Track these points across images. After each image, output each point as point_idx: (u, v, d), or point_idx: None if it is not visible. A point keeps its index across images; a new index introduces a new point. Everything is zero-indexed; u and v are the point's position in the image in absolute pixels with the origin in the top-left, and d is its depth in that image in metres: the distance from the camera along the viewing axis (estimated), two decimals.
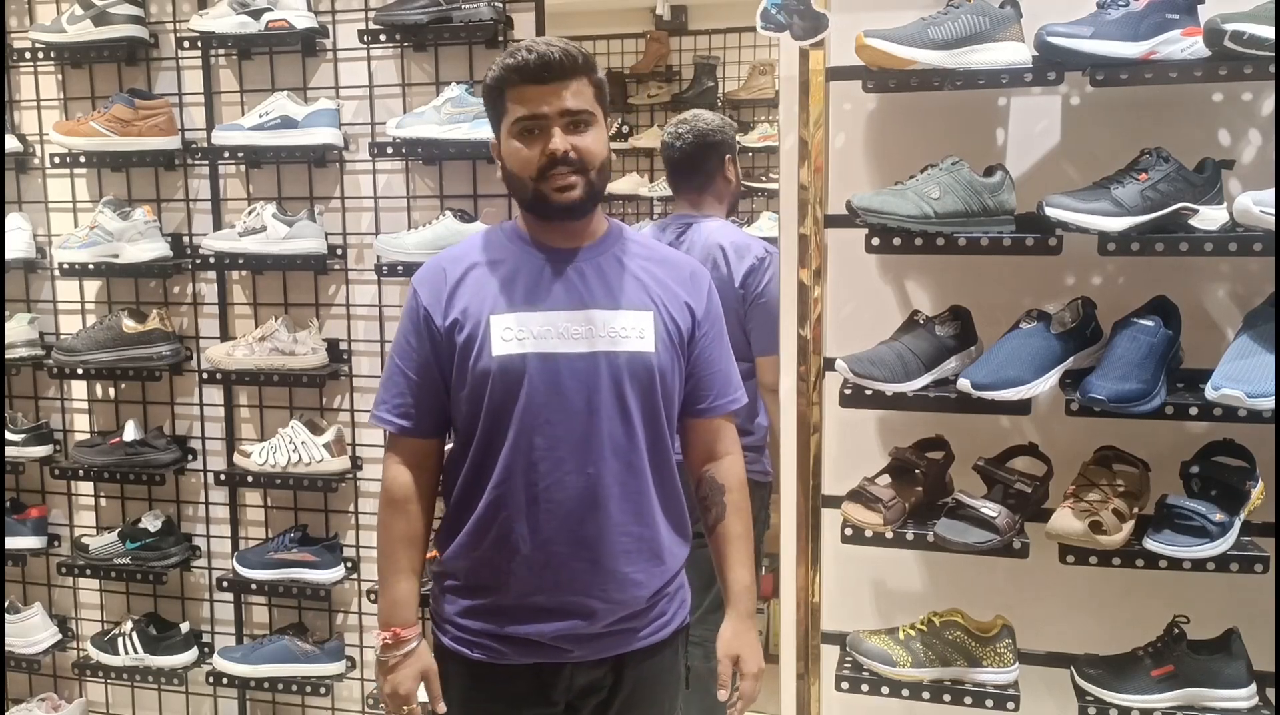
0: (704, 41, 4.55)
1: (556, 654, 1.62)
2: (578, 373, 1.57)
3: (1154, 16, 1.80)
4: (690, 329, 1.67)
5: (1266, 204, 1.69)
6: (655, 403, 1.62)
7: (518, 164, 1.58)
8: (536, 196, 1.59)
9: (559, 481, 1.57)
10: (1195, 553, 1.81)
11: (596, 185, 1.60)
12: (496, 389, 1.57)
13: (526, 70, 1.54)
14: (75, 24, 2.70)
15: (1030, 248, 1.87)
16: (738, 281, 2.48)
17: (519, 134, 1.57)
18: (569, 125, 1.56)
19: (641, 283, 1.64)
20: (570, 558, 1.59)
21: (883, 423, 2.21)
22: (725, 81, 4.49)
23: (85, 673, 2.92)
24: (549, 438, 1.57)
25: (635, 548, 1.62)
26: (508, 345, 1.57)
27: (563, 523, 1.59)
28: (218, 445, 2.90)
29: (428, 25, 2.51)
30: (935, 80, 1.90)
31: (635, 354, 1.59)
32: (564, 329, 1.58)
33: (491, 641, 1.63)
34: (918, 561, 2.23)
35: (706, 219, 2.62)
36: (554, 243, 1.64)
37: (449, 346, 1.61)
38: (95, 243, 2.73)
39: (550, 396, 1.56)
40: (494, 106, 1.62)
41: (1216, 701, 1.89)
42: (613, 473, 1.59)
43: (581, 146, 1.56)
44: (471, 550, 1.63)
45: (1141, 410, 1.80)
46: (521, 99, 1.56)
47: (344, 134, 2.68)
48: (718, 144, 2.65)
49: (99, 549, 2.84)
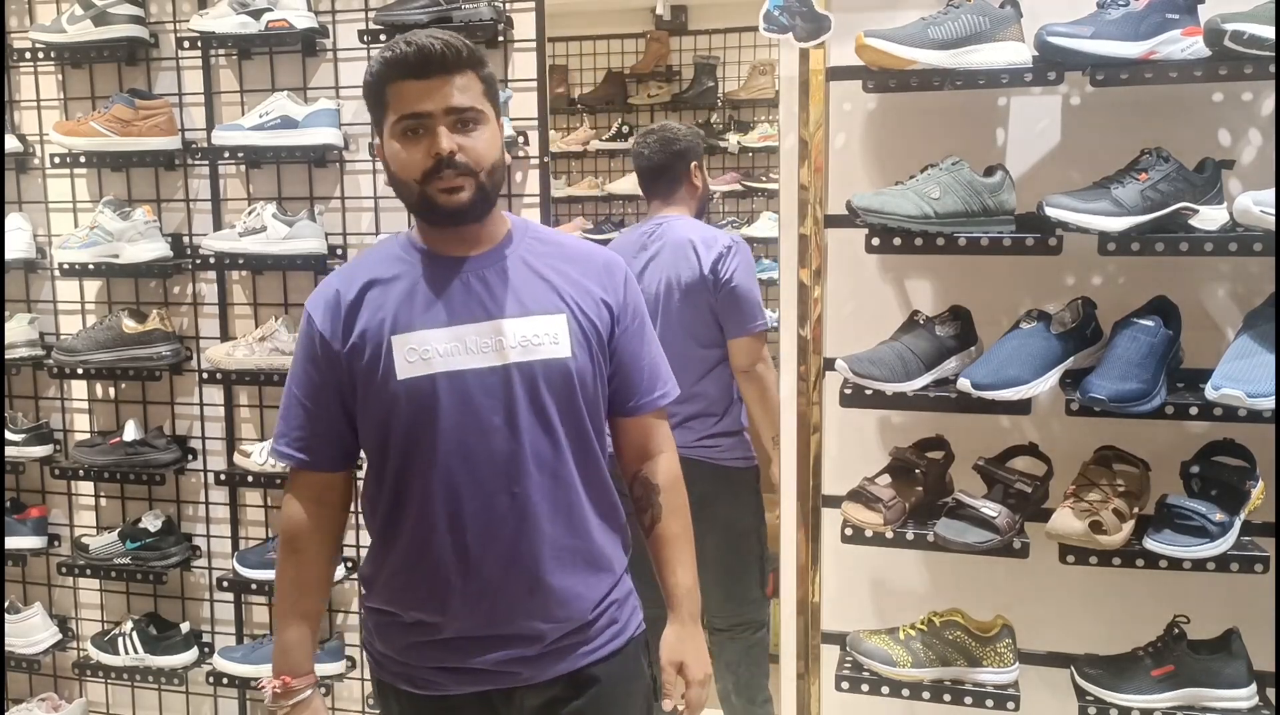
0: (704, 41, 4.55)
1: (504, 679, 1.53)
2: (491, 388, 1.47)
3: (1154, 16, 1.80)
4: (609, 325, 1.56)
5: (1266, 204, 1.69)
6: (578, 409, 1.52)
7: (400, 166, 1.46)
8: (422, 201, 1.47)
9: (484, 505, 1.48)
10: (1195, 553, 1.81)
11: (488, 188, 1.48)
12: (406, 415, 1.47)
13: (405, 65, 1.42)
14: (75, 24, 2.70)
15: (1030, 248, 1.87)
16: (706, 270, 2.59)
17: (401, 134, 1.45)
18: (455, 124, 1.44)
19: (550, 284, 1.54)
20: (506, 583, 1.50)
21: (883, 423, 2.21)
22: (725, 81, 4.50)
23: (85, 673, 2.93)
24: (468, 461, 1.47)
25: (571, 561, 1.53)
26: (413, 366, 1.46)
27: (493, 548, 1.49)
28: (218, 445, 2.90)
29: (428, 25, 2.51)
30: (935, 80, 1.90)
31: (550, 361, 1.49)
32: (472, 343, 1.47)
33: (436, 675, 1.54)
34: (918, 561, 2.23)
35: (677, 217, 2.75)
36: (452, 251, 1.53)
37: (349, 373, 1.50)
38: (95, 243, 2.73)
39: (465, 417, 1.46)
40: (374, 105, 1.50)
41: (1216, 701, 1.89)
42: (540, 489, 1.49)
43: (469, 147, 1.45)
44: (401, 587, 1.54)
45: (1141, 410, 1.80)
46: (402, 96, 1.44)
47: (344, 134, 2.68)
48: (683, 152, 2.79)
49: (99, 549, 2.84)
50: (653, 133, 2.82)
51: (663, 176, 2.79)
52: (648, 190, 2.85)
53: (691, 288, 2.60)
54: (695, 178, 2.82)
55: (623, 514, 1.64)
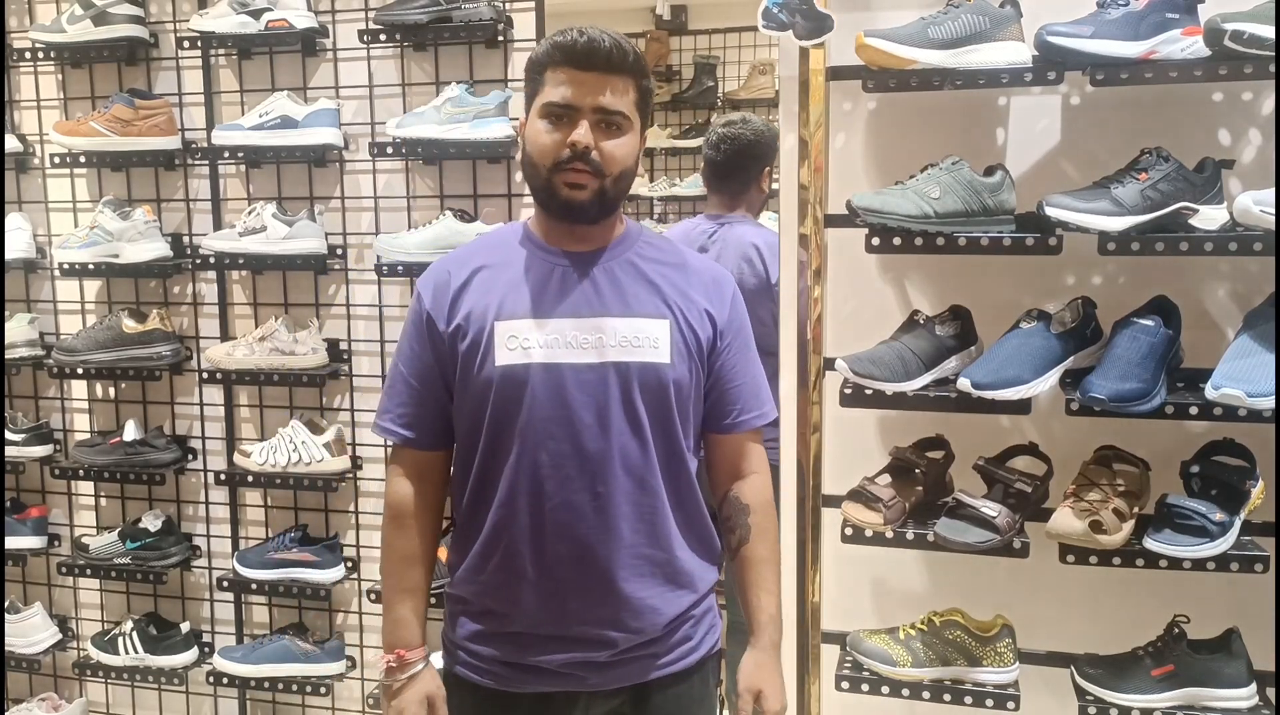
0: (704, 41, 4.55)
1: (570, 682, 1.52)
2: (585, 385, 1.47)
3: (1154, 16, 1.80)
4: (711, 338, 1.57)
5: (1266, 203, 1.69)
6: (669, 416, 1.52)
7: (537, 147, 1.48)
8: (547, 188, 1.49)
9: (566, 502, 1.48)
10: (1195, 552, 1.81)
11: (610, 193, 1.49)
12: (498, 401, 1.48)
13: (572, 52, 1.44)
14: (75, 24, 2.70)
15: (1030, 247, 1.87)
16: (774, 277, 2.51)
17: (547, 116, 1.47)
18: (600, 123, 1.46)
19: (658, 288, 1.54)
20: (580, 584, 1.49)
21: (883, 423, 2.21)
22: (725, 81, 4.50)
23: (85, 673, 2.92)
24: (555, 455, 1.47)
25: (650, 572, 1.51)
26: (512, 354, 1.47)
27: (571, 546, 1.49)
28: (218, 445, 2.90)
29: (428, 25, 2.51)
30: (935, 80, 1.90)
31: (648, 365, 1.49)
32: (572, 338, 1.48)
33: (501, 669, 1.54)
34: (918, 561, 2.23)
35: (740, 220, 2.69)
36: (565, 245, 1.54)
37: (452, 353, 1.52)
38: (95, 243, 2.73)
39: (555, 410, 1.47)
40: (530, 82, 1.51)
41: (1216, 701, 1.89)
42: (624, 492, 1.49)
43: (606, 148, 1.46)
44: (477, 574, 1.54)
45: (1141, 410, 1.80)
46: (559, 81, 1.45)
47: (344, 134, 2.68)
48: (760, 156, 2.70)
49: (99, 549, 2.84)
50: (733, 125, 2.69)
51: (735, 177, 2.68)
52: (714, 186, 2.74)
53: (751, 292, 2.45)
54: (765, 182, 2.73)
55: (714, 532, 1.63)
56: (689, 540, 1.57)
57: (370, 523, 2.84)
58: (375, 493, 2.83)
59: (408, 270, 2.55)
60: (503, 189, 2.65)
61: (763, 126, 2.73)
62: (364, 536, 2.85)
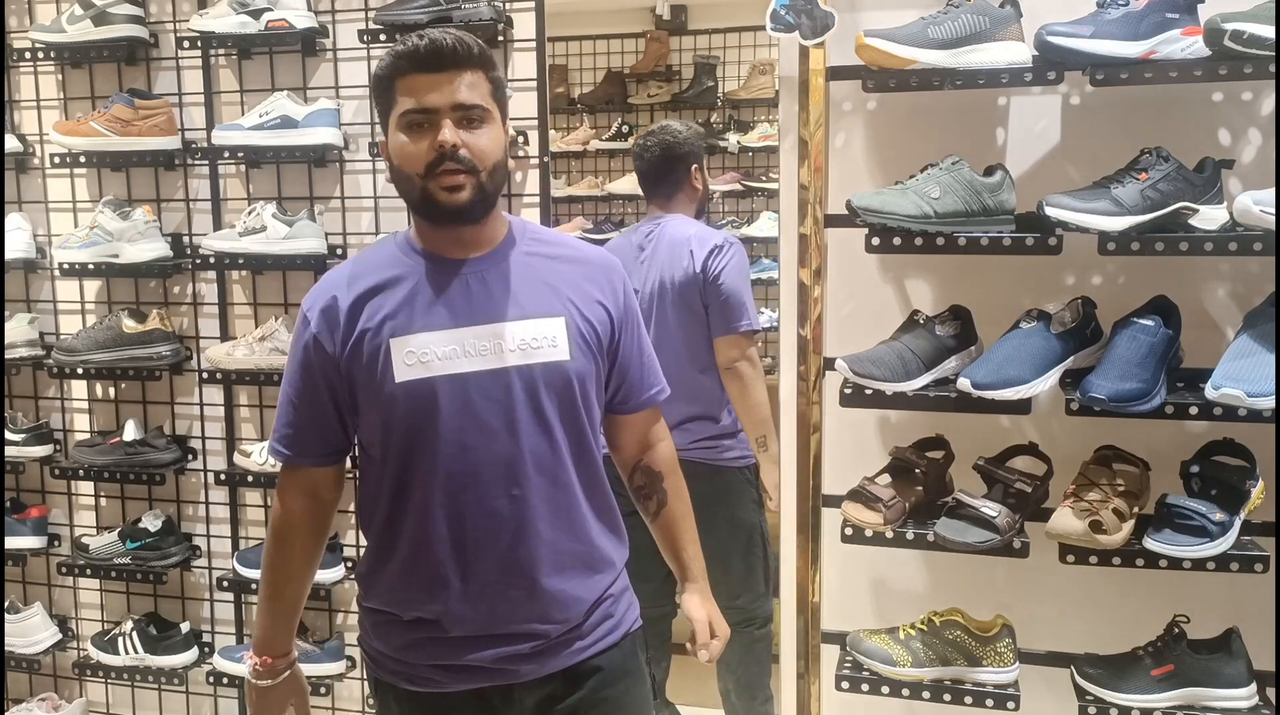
0: (704, 41, 4.55)
1: (502, 676, 1.53)
2: (490, 391, 1.47)
3: (1154, 16, 1.80)
4: (609, 329, 1.58)
5: (1266, 203, 1.69)
6: (576, 412, 1.53)
7: (404, 159, 1.47)
8: (423, 196, 1.47)
9: (484, 509, 1.48)
10: (1195, 552, 1.81)
11: (488, 188, 1.49)
12: (405, 417, 1.47)
13: (416, 58, 1.44)
14: (75, 24, 2.70)
15: (1030, 247, 1.87)
16: (698, 267, 2.61)
17: (406, 127, 1.46)
18: (461, 120, 1.45)
19: (550, 286, 1.54)
20: (505, 586, 1.50)
21: (883, 423, 2.21)
22: (725, 81, 4.50)
23: (85, 673, 2.92)
24: (468, 463, 1.48)
25: (571, 564, 1.54)
26: (411, 369, 1.46)
27: (493, 550, 1.50)
28: (218, 445, 2.90)
29: (427, 25, 2.51)
30: (935, 80, 1.90)
31: (550, 364, 1.50)
32: (471, 346, 1.47)
33: (433, 672, 1.54)
34: (918, 561, 2.23)
35: (674, 217, 2.76)
36: (451, 252, 1.53)
37: (348, 375, 1.51)
38: (95, 243, 2.73)
39: (464, 420, 1.47)
40: (382, 99, 1.50)
41: (1216, 701, 1.89)
42: (539, 492, 1.50)
43: (474, 144, 1.45)
44: (400, 587, 1.54)
45: (1141, 410, 1.80)
46: (411, 89, 1.45)
47: (344, 134, 2.68)
48: (684, 155, 2.79)
49: (99, 549, 2.84)
50: (653, 134, 2.82)
51: (664, 180, 2.79)
52: (648, 192, 2.85)
53: (685, 286, 2.61)
54: (696, 180, 2.82)
55: (619, 513, 1.65)
56: (602, 524, 1.60)
57: None
58: None
59: None
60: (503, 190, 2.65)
61: (682, 128, 2.84)
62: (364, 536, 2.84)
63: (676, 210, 2.79)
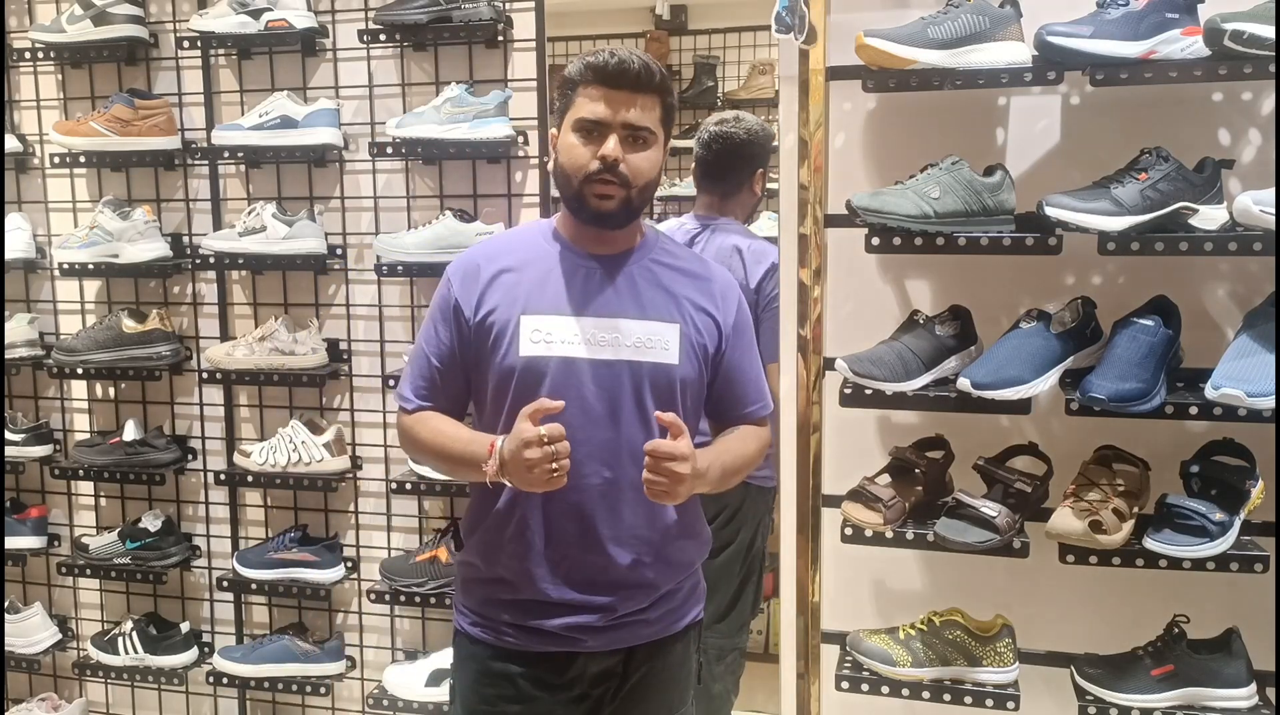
0: (704, 41, 4.54)
1: (571, 643, 1.66)
2: (601, 379, 1.61)
3: (1154, 16, 1.80)
4: (717, 343, 1.70)
5: (1266, 203, 1.69)
6: (675, 411, 1.61)
7: (569, 160, 1.61)
8: (577, 196, 1.61)
9: (576, 484, 1.58)
10: (1195, 552, 1.81)
11: (635, 203, 1.62)
12: (520, 387, 1.60)
13: (604, 71, 1.57)
14: (75, 24, 2.70)
15: (1030, 247, 1.87)
16: (753, 283, 2.51)
17: (579, 130, 1.60)
18: (628, 138, 1.58)
19: (671, 294, 1.67)
20: (584, 558, 1.64)
21: (883, 423, 2.21)
22: (725, 81, 4.49)
23: (85, 673, 2.93)
24: (569, 440, 1.54)
25: (646, 552, 1.66)
26: (535, 346, 1.60)
27: (578, 524, 1.63)
28: (218, 445, 2.90)
29: (427, 25, 2.51)
30: (935, 80, 1.90)
31: (659, 365, 1.63)
32: (591, 335, 1.61)
33: (509, 629, 1.67)
34: (918, 561, 2.23)
35: (725, 222, 2.64)
36: (590, 248, 1.67)
37: (476, 340, 1.65)
38: (95, 243, 2.73)
39: (571, 400, 1.57)
40: (563, 97, 1.63)
41: (1216, 701, 1.89)
42: (629, 479, 1.61)
43: (633, 162, 1.58)
44: (490, 545, 1.67)
45: (1141, 410, 1.80)
46: (591, 98, 1.58)
47: (344, 134, 2.68)
48: (754, 156, 2.63)
49: (99, 549, 2.84)
50: (726, 123, 2.60)
51: (726, 178, 2.63)
52: (704, 186, 2.67)
53: None
54: (757, 185, 2.67)
55: (704, 519, 1.78)
56: (682, 526, 1.71)
57: (370, 523, 2.84)
58: (375, 493, 2.83)
59: (407, 270, 2.55)
60: (502, 189, 2.65)
61: (757, 126, 2.65)
62: (364, 536, 2.85)
63: (729, 213, 2.65)
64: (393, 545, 2.82)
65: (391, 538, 2.83)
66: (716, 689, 2.72)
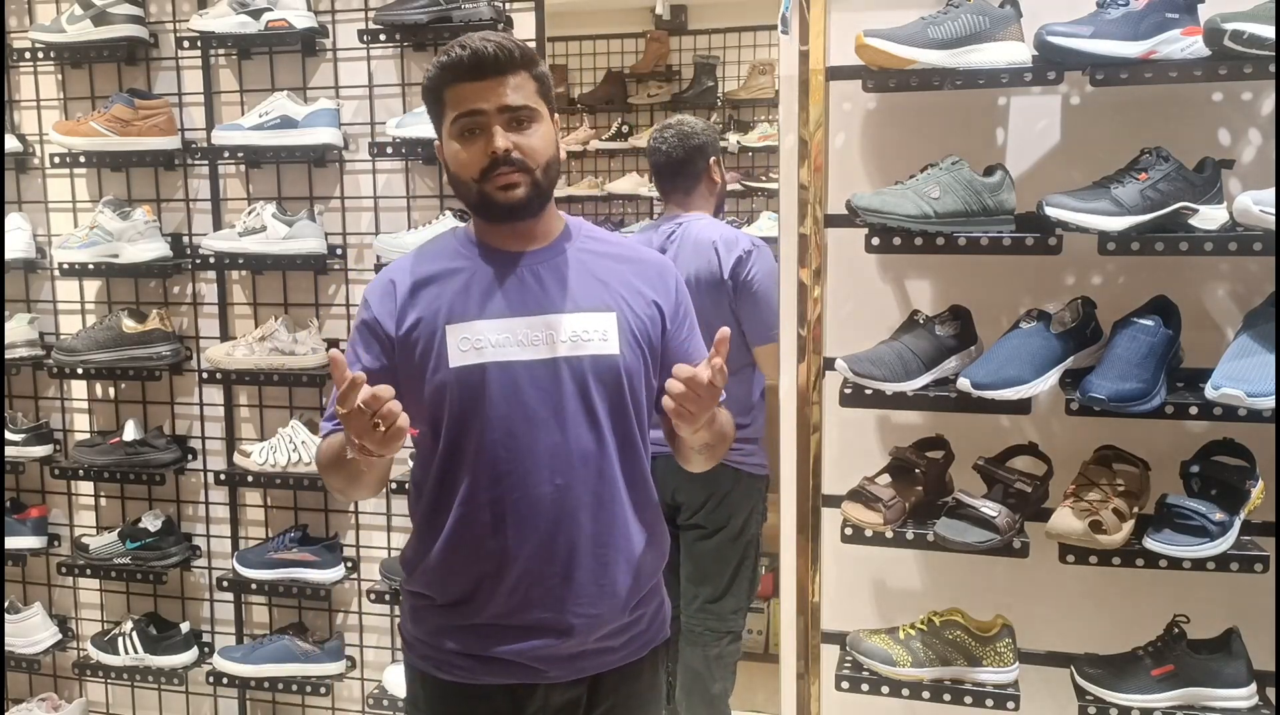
0: (704, 41, 4.55)
1: (531, 674, 1.55)
2: (539, 381, 1.51)
3: (1154, 16, 1.80)
4: (660, 327, 1.61)
5: (1266, 203, 1.69)
6: (624, 406, 1.56)
7: (459, 165, 1.52)
8: (480, 198, 1.52)
9: (526, 496, 1.52)
10: (1195, 552, 1.81)
11: (543, 184, 1.53)
12: (455, 402, 1.51)
13: (460, 67, 1.48)
14: (75, 24, 2.70)
15: (1030, 247, 1.87)
16: (727, 272, 2.53)
17: (458, 134, 1.51)
18: (510, 122, 1.49)
19: (602, 282, 1.58)
20: (542, 574, 1.53)
21: (883, 423, 2.21)
22: (725, 81, 4.50)
23: (85, 673, 2.93)
24: (513, 450, 1.51)
25: (610, 558, 1.56)
26: (465, 356, 1.51)
27: (533, 538, 1.52)
28: (218, 445, 2.90)
29: (428, 25, 2.51)
30: (935, 80, 1.90)
31: (599, 357, 1.53)
32: (523, 336, 1.52)
33: (463, 661, 1.57)
34: (918, 561, 2.23)
35: (696, 217, 2.68)
36: (507, 246, 1.58)
37: (403, 360, 1.55)
38: (95, 243, 2.73)
39: (512, 407, 1.50)
40: (433, 108, 1.56)
41: (1216, 701, 1.89)
42: (583, 482, 1.53)
43: (524, 144, 1.50)
44: (441, 569, 1.57)
45: (1141, 410, 1.80)
46: (458, 97, 1.49)
47: (344, 134, 2.68)
48: (701, 146, 2.70)
49: (99, 549, 2.84)
50: (669, 128, 2.73)
51: (682, 173, 2.70)
52: (665, 189, 2.76)
53: (710, 289, 2.52)
54: (714, 173, 2.73)
55: (661, 516, 1.67)
56: (642, 523, 1.61)
57: (370, 523, 2.85)
58: None
59: None
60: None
61: (696, 121, 2.78)
62: (364, 536, 2.85)
63: (696, 207, 2.71)
64: (393, 545, 2.82)
65: (391, 538, 2.83)
66: (716, 689, 2.72)
